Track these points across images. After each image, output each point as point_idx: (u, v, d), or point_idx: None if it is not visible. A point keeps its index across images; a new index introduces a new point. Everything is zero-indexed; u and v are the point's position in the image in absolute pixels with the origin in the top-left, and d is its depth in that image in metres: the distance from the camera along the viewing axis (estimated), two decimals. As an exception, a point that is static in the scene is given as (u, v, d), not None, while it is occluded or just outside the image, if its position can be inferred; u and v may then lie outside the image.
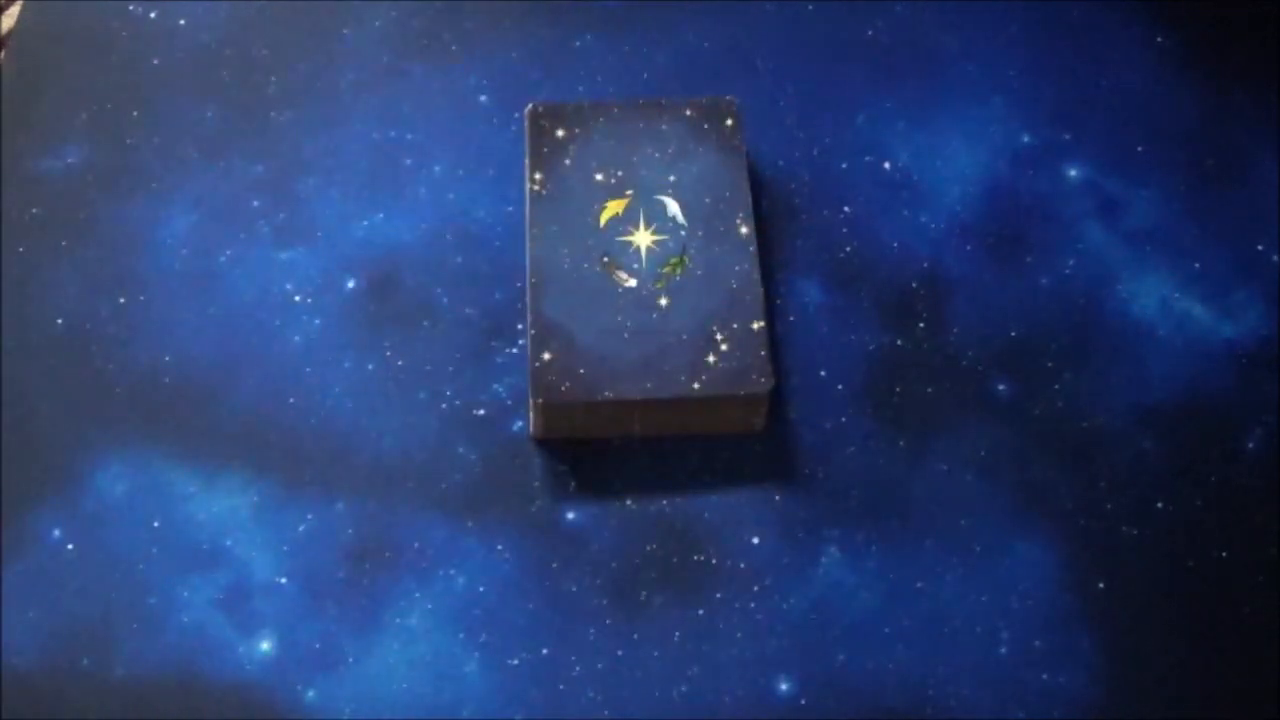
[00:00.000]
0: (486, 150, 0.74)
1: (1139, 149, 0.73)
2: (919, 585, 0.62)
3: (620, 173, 0.68)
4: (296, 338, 0.69)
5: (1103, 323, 0.68)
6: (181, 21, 0.79)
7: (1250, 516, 0.64)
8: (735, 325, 0.64)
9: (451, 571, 0.63)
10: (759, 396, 0.63)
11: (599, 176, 0.68)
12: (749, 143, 0.72)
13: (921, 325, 0.68)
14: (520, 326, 0.69)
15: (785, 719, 0.60)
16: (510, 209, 0.72)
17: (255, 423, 0.63)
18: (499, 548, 0.64)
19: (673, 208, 0.67)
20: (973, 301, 0.69)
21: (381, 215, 0.73)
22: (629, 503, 0.65)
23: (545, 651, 0.61)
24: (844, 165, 0.73)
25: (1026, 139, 0.73)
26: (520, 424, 0.67)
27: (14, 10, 0.80)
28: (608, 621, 0.62)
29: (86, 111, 0.76)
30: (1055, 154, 0.73)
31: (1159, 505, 0.64)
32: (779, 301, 0.69)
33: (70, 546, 0.63)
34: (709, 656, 0.61)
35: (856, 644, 0.61)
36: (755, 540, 0.64)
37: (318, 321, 0.70)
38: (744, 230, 0.66)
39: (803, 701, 0.60)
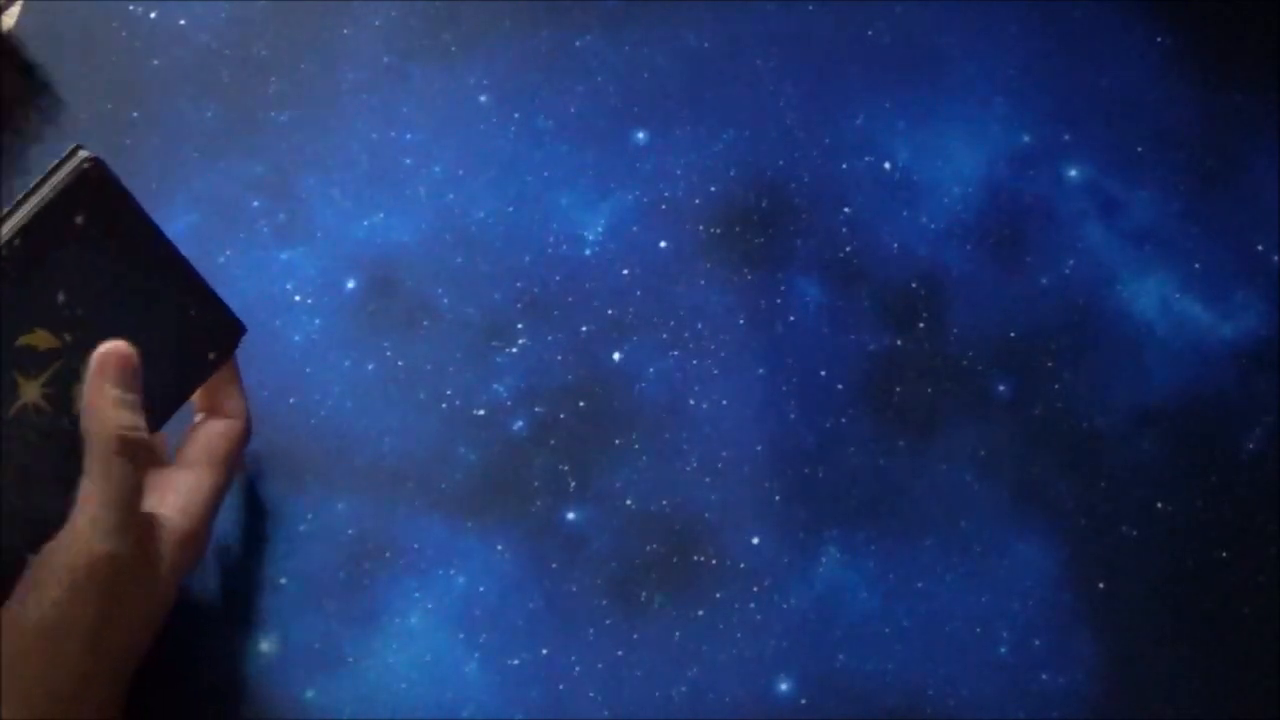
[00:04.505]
0: (486, 150, 0.74)
1: (1139, 149, 0.73)
2: (919, 585, 0.62)
3: None
4: (296, 338, 0.69)
5: (1103, 323, 0.68)
6: (181, 21, 0.79)
7: (1250, 516, 0.64)
8: None
9: (451, 571, 0.63)
10: None
11: None
12: (748, 142, 0.72)
13: (921, 325, 0.68)
14: (520, 326, 0.69)
15: (785, 719, 0.60)
16: (510, 209, 0.72)
17: (255, 423, 0.63)
18: (499, 548, 0.64)
19: None
20: (973, 301, 0.69)
21: (381, 215, 0.73)
22: (629, 503, 0.65)
23: (545, 651, 0.61)
24: (844, 165, 0.73)
25: (1026, 139, 0.73)
26: (520, 424, 0.67)
27: (14, 10, 0.80)
28: (608, 621, 0.62)
29: (86, 111, 0.76)
30: (1055, 154, 0.73)
31: (1159, 505, 0.64)
32: (779, 301, 0.69)
33: (70, 546, 0.63)
34: (709, 656, 0.61)
35: (856, 644, 0.61)
36: (755, 540, 0.64)
37: (318, 321, 0.70)
38: None
39: (803, 701, 0.60)
